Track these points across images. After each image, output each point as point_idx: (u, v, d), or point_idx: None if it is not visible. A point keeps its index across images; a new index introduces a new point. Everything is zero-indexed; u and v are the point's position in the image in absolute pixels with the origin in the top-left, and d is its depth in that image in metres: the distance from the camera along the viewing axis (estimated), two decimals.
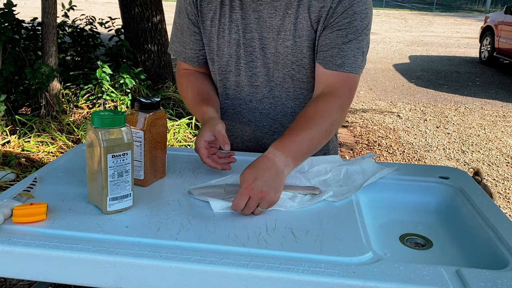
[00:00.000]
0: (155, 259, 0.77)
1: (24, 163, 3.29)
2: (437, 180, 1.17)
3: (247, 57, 1.24)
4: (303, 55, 1.21)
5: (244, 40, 1.22)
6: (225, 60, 1.26)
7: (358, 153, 4.21)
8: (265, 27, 1.20)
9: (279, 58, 1.22)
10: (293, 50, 1.20)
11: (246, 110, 1.32)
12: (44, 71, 3.75)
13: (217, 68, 1.29)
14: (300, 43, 1.20)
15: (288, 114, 1.31)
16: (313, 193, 1.04)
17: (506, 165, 4.08)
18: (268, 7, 1.18)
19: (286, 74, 1.24)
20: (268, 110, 1.31)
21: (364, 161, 1.19)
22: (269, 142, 1.33)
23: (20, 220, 0.87)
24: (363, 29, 1.14)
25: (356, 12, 1.12)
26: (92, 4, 16.23)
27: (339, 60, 1.15)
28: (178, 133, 3.89)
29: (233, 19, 1.21)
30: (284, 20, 1.18)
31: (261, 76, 1.26)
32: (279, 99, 1.29)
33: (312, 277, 0.74)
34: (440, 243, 1.00)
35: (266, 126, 1.33)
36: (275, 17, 1.19)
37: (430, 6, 25.89)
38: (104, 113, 0.90)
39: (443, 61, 9.36)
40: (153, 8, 4.95)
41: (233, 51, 1.24)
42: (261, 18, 1.19)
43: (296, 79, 1.25)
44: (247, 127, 1.35)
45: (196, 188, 1.04)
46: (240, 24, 1.21)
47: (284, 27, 1.19)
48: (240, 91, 1.30)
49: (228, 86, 1.31)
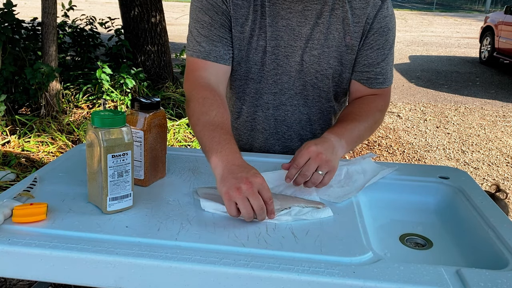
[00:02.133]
0: (155, 259, 0.77)
1: (24, 163, 3.29)
2: (437, 180, 1.17)
3: (271, 65, 1.23)
4: (329, 65, 1.22)
5: (270, 47, 1.21)
6: (249, 66, 1.24)
7: (358, 153, 4.21)
8: (293, 35, 1.19)
9: (303, 67, 1.22)
10: (319, 59, 1.21)
11: (262, 118, 1.31)
12: (44, 71, 3.75)
13: (239, 75, 1.26)
14: (328, 53, 1.21)
15: (303, 121, 1.31)
16: (317, 207, 0.98)
17: (506, 165, 4.08)
18: (298, 16, 1.18)
19: (308, 82, 1.24)
20: (284, 117, 1.30)
21: (364, 161, 1.19)
22: (279, 150, 1.34)
23: (20, 220, 0.87)
24: (393, 43, 1.25)
25: (389, 28, 1.21)
26: (92, 4, 16.23)
27: (381, 78, 1.25)
28: (178, 133, 3.89)
29: (262, 26, 1.20)
30: (314, 29, 1.19)
31: (281, 83, 1.25)
32: (297, 107, 1.28)
33: (312, 277, 0.74)
34: (440, 243, 1.00)
35: (280, 133, 1.32)
36: (304, 26, 1.18)
37: (430, 6, 25.89)
38: (104, 113, 0.90)
39: (443, 61, 9.36)
40: (153, 8, 4.95)
41: (259, 58, 1.23)
42: (289, 26, 1.19)
43: (317, 88, 1.26)
44: (259, 135, 1.34)
45: (203, 188, 1.04)
46: (268, 31, 1.19)
47: (313, 36, 1.19)
48: (258, 98, 1.28)
49: (248, 92, 1.29)
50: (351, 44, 1.20)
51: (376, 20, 1.18)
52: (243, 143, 1.37)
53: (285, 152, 1.34)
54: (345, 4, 1.18)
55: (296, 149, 1.31)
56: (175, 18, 14.06)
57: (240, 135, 1.36)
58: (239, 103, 1.31)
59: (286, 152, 1.34)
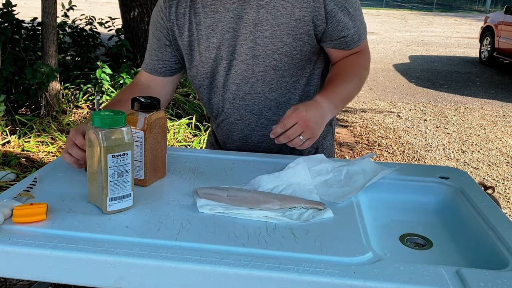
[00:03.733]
0: (155, 259, 0.77)
1: (24, 163, 3.29)
2: (437, 180, 1.17)
3: (227, 57, 1.25)
4: (283, 43, 1.21)
5: (222, 41, 1.23)
6: (209, 65, 1.27)
7: (358, 153, 4.21)
8: (242, 23, 1.20)
9: (258, 51, 1.23)
10: (272, 39, 1.21)
11: (231, 109, 1.33)
12: (44, 71, 3.75)
13: (195, 73, 1.31)
14: (279, 31, 1.20)
15: (272, 107, 1.31)
16: (317, 207, 0.98)
17: (506, 165, 4.08)
18: (241, 3, 1.19)
19: (268, 65, 1.24)
20: (252, 106, 1.31)
21: (364, 161, 1.18)
22: (257, 139, 1.36)
23: (20, 220, 0.87)
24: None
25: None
26: (92, 4, 16.22)
27: (356, 36, 1.26)
28: (178, 133, 3.89)
29: (208, 24, 1.23)
30: (259, 11, 1.19)
31: (241, 73, 1.26)
32: (262, 93, 1.29)
33: (312, 277, 0.74)
34: (440, 243, 1.00)
35: (252, 122, 1.33)
36: (249, 11, 1.19)
37: (430, 6, 25.89)
38: (104, 113, 0.90)
39: (443, 61, 9.36)
40: (153, 8, 4.95)
41: (214, 54, 1.25)
42: (236, 16, 1.20)
43: (278, 69, 1.25)
44: (234, 126, 1.35)
45: (202, 188, 1.04)
46: (217, 27, 1.22)
47: (260, 18, 1.19)
48: (225, 91, 1.31)
49: (215, 90, 1.32)
50: (302, 16, 1.19)
51: None
52: (224, 137, 1.39)
53: (265, 141, 1.35)
54: None
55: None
56: None
57: (221, 129, 1.38)
58: (213, 98, 1.34)
59: (265, 141, 1.35)
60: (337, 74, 1.26)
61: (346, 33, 1.23)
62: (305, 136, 1.09)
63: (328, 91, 1.20)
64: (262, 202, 0.97)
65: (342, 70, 1.27)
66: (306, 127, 1.08)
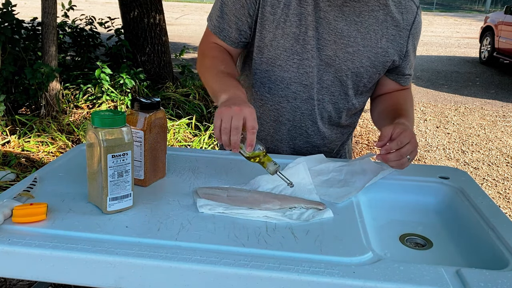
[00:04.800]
0: (155, 259, 0.77)
1: (24, 163, 3.29)
2: (437, 180, 1.17)
3: (301, 54, 1.20)
4: (361, 64, 1.22)
5: (303, 36, 1.18)
6: (278, 52, 1.21)
7: (358, 153, 4.21)
8: (328, 28, 1.18)
9: (335, 62, 1.21)
10: (353, 57, 1.21)
11: (287, 109, 1.27)
12: (44, 71, 3.75)
13: (266, 58, 1.22)
14: (362, 52, 1.20)
15: (325, 117, 1.30)
16: (317, 207, 0.98)
17: (506, 165, 4.08)
18: (336, 10, 1.17)
19: (337, 78, 1.24)
20: (310, 111, 1.27)
21: (364, 161, 1.19)
22: (301, 144, 1.33)
23: (20, 220, 0.87)
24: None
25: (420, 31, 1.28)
26: (92, 4, 16.23)
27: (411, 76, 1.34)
28: (178, 133, 3.89)
29: (296, 13, 1.17)
30: (351, 27, 1.18)
31: (312, 76, 1.22)
32: (322, 102, 1.27)
33: (312, 277, 0.74)
34: (440, 243, 1.00)
35: (304, 127, 1.30)
36: (340, 21, 1.17)
37: (430, 6, 25.88)
38: (104, 113, 0.90)
39: (443, 61, 9.36)
40: (153, 9, 4.95)
41: (289, 44, 1.19)
42: (326, 19, 1.17)
43: (345, 85, 1.25)
44: (282, 126, 1.31)
45: (202, 188, 1.04)
46: (303, 19, 1.17)
47: (349, 33, 1.18)
48: (285, 88, 1.25)
49: (273, 80, 1.25)
50: (386, 47, 1.21)
51: (414, 26, 1.24)
52: (265, 133, 1.33)
53: (306, 147, 1.33)
54: (386, 8, 1.19)
55: (317, 146, 1.34)
56: (175, 18, 14.06)
57: (263, 124, 1.32)
58: (266, 90, 1.27)
59: (307, 148, 1.33)
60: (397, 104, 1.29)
61: (410, 72, 1.32)
62: (412, 156, 1.05)
63: (407, 117, 1.20)
64: (262, 202, 0.97)
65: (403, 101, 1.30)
66: (414, 148, 1.05)
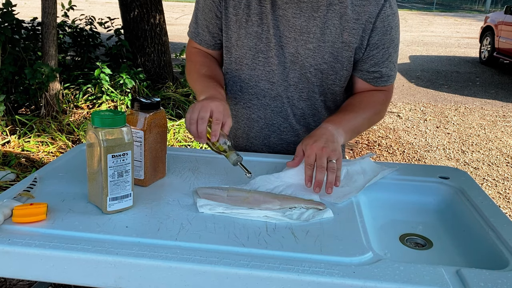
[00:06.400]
0: (155, 259, 0.77)
1: (24, 163, 3.29)
2: (437, 180, 1.17)
3: (266, 52, 1.23)
4: (324, 60, 1.21)
5: (265, 34, 1.21)
6: (243, 51, 1.25)
7: (358, 153, 4.21)
8: (287, 26, 1.19)
9: (297, 59, 1.22)
10: (314, 53, 1.20)
11: (257, 106, 1.31)
12: (44, 71, 3.75)
13: (234, 58, 1.28)
14: (323, 48, 1.20)
15: (297, 115, 1.31)
16: (317, 207, 0.98)
17: (506, 165, 4.08)
18: (293, 7, 1.17)
19: (303, 75, 1.24)
20: (280, 108, 1.30)
21: (364, 161, 1.18)
22: (275, 141, 1.35)
23: (20, 220, 0.87)
24: (398, 41, 1.25)
25: (392, 27, 1.20)
26: (92, 4, 16.22)
27: (385, 77, 1.27)
28: (178, 133, 3.89)
29: (257, 12, 1.20)
30: (309, 22, 1.18)
31: (278, 74, 1.25)
32: (292, 99, 1.28)
33: (312, 277, 0.74)
34: (440, 243, 1.00)
35: (276, 124, 1.33)
36: (299, 18, 1.18)
37: (430, 6, 25.87)
38: (104, 113, 0.90)
39: (443, 61, 9.36)
40: (153, 9, 4.95)
41: (253, 43, 1.23)
42: (285, 17, 1.19)
43: (311, 82, 1.25)
44: (255, 124, 1.34)
45: (202, 188, 1.04)
46: (263, 18, 1.20)
47: (308, 29, 1.18)
48: (254, 86, 1.29)
49: (243, 78, 1.29)
50: (348, 41, 1.19)
51: (379, 19, 1.17)
52: (241, 131, 1.38)
53: (281, 144, 1.35)
54: (345, 0, 1.16)
55: (291, 143, 1.34)
56: (175, 18, 14.06)
57: (238, 122, 1.37)
58: (237, 88, 1.32)
59: (281, 144, 1.35)
60: (350, 104, 1.26)
61: (377, 69, 1.24)
62: (332, 157, 1.05)
63: (336, 118, 1.19)
64: (262, 202, 0.97)
65: (357, 102, 1.26)
66: (327, 153, 1.05)
